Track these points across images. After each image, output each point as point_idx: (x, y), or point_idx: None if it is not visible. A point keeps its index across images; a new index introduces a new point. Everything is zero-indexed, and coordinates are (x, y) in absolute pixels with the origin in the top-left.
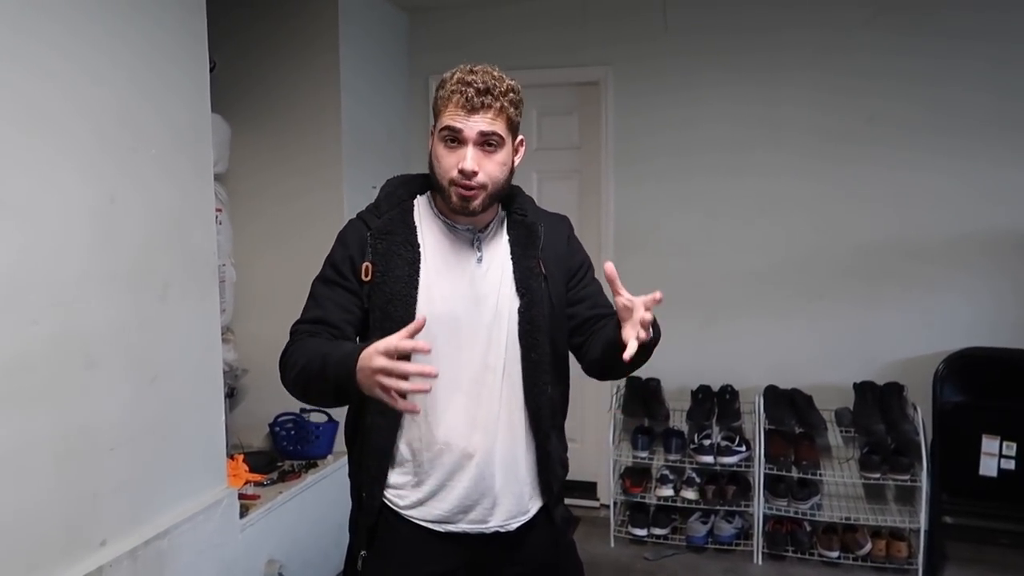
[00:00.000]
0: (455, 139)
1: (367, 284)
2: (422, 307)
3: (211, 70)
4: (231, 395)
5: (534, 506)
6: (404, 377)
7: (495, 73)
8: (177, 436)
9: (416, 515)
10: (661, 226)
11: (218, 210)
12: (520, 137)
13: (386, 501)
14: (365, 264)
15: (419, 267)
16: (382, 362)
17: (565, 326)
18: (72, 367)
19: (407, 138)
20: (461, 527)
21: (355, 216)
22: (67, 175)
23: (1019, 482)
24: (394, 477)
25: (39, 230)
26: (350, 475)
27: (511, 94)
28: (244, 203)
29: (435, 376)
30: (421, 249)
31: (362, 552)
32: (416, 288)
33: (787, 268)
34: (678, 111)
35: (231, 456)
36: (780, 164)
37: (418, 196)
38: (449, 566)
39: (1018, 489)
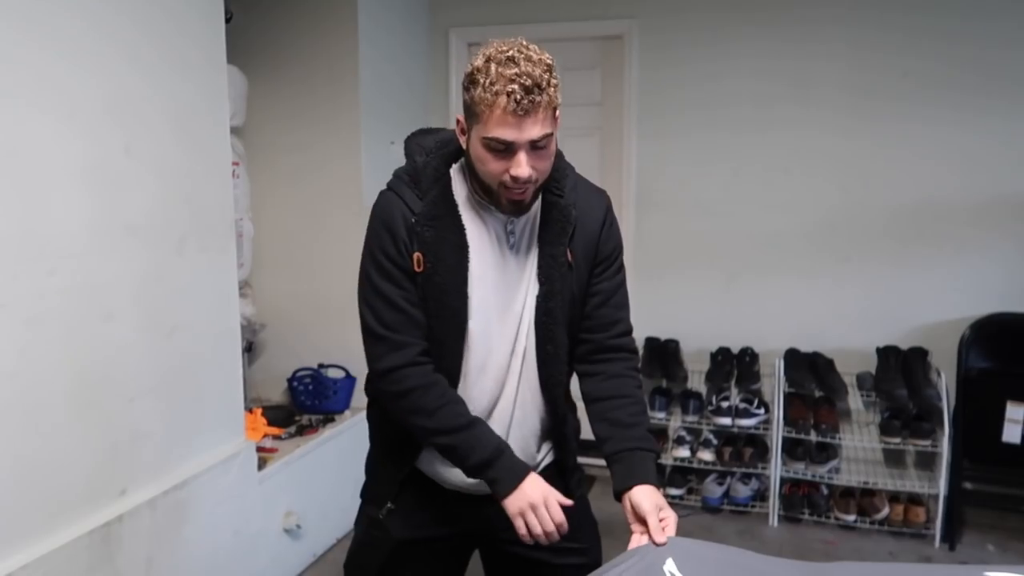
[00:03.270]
0: (505, 148)
1: (419, 275)
2: (472, 293)
3: (227, 21)
4: (249, 349)
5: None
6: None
7: (533, 56)
8: (195, 388)
9: (433, 477)
10: (684, 185)
11: (235, 164)
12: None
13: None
14: (416, 255)
15: (468, 252)
16: (539, 516)
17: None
18: (90, 318)
19: (426, 92)
20: (471, 492)
21: (389, 189)
22: (81, 125)
23: None
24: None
25: (53, 179)
26: (375, 427)
27: (553, 79)
28: (262, 157)
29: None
30: (466, 232)
31: (389, 504)
32: (467, 274)
33: (813, 229)
34: (704, 67)
35: (249, 410)
36: (808, 123)
37: (453, 166)
38: (463, 527)
39: None
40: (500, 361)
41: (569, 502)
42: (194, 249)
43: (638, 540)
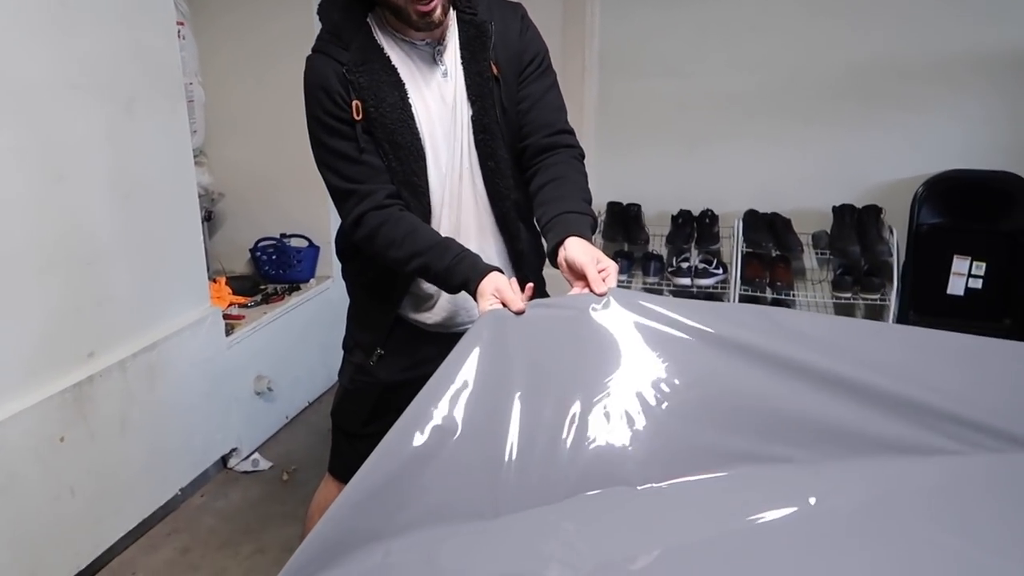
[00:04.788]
0: None
1: (359, 123)
2: (420, 127)
3: None
4: (209, 219)
5: None
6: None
7: None
8: (156, 253)
9: (415, 319)
10: (648, 45)
11: (180, 24)
12: None
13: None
14: (355, 103)
15: (405, 88)
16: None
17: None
18: (40, 178)
19: None
20: (452, 330)
21: (314, 52)
22: None
23: (983, 301)
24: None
25: None
26: (356, 282)
27: None
28: (209, 20)
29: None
30: (398, 71)
31: (379, 350)
32: (411, 109)
33: (776, 90)
34: None
35: (213, 280)
36: None
37: (369, 15)
38: None
39: (981, 307)
40: (452, 188)
41: (530, 285)
42: (144, 110)
43: None
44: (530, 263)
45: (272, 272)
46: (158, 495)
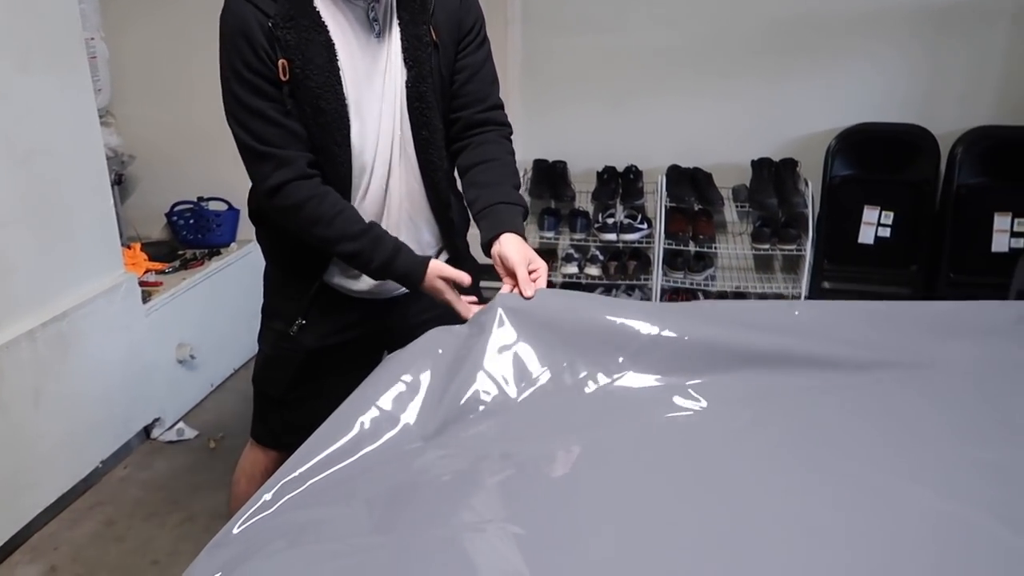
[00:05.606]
0: None
1: (285, 84)
2: (347, 91)
3: None
4: (119, 182)
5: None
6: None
7: None
8: (62, 219)
9: (341, 284)
10: (572, 1)
11: None
12: None
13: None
14: (281, 62)
15: (335, 49)
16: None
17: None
18: None
19: None
20: (380, 296)
21: None
22: None
23: (892, 248)
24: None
25: None
26: (272, 248)
27: None
28: None
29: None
30: (328, 29)
31: (300, 320)
32: (339, 72)
33: (697, 46)
34: None
35: (127, 246)
36: None
37: None
38: (372, 328)
39: (890, 255)
40: (383, 156)
41: (468, 278)
42: (41, 66)
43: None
44: (458, 230)
45: (190, 237)
46: (78, 468)
